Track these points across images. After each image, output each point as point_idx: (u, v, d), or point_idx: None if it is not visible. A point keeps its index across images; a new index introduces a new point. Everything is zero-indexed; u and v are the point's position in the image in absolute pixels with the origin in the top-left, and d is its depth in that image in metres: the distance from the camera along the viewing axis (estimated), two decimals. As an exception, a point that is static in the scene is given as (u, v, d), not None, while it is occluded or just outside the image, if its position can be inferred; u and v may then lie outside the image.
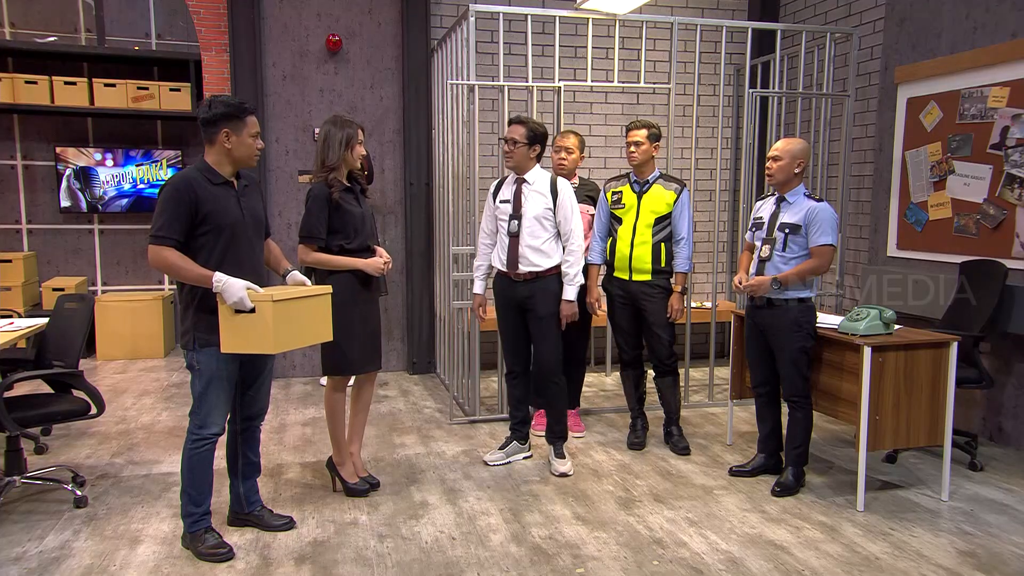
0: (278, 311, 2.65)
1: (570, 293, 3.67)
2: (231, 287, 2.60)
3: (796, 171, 3.45)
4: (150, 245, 2.65)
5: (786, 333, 3.45)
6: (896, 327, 3.43)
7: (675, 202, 4.02)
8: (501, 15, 4.56)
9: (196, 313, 2.75)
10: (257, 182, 3.00)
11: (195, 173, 2.73)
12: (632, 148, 4.00)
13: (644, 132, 4.01)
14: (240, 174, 2.86)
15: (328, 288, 2.99)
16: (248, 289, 2.62)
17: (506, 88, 4.58)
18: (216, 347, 2.72)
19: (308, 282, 3.00)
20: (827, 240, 3.36)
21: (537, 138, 3.66)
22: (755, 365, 3.71)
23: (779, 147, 3.49)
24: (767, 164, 3.51)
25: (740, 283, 3.53)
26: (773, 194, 3.61)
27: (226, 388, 2.83)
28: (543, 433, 4.07)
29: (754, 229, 3.62)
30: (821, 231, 3.35)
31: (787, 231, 3.42)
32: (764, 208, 3.61)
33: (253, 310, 2.62)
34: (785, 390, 3.55)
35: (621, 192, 4.08)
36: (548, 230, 3.67)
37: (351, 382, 3.48)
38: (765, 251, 3.48)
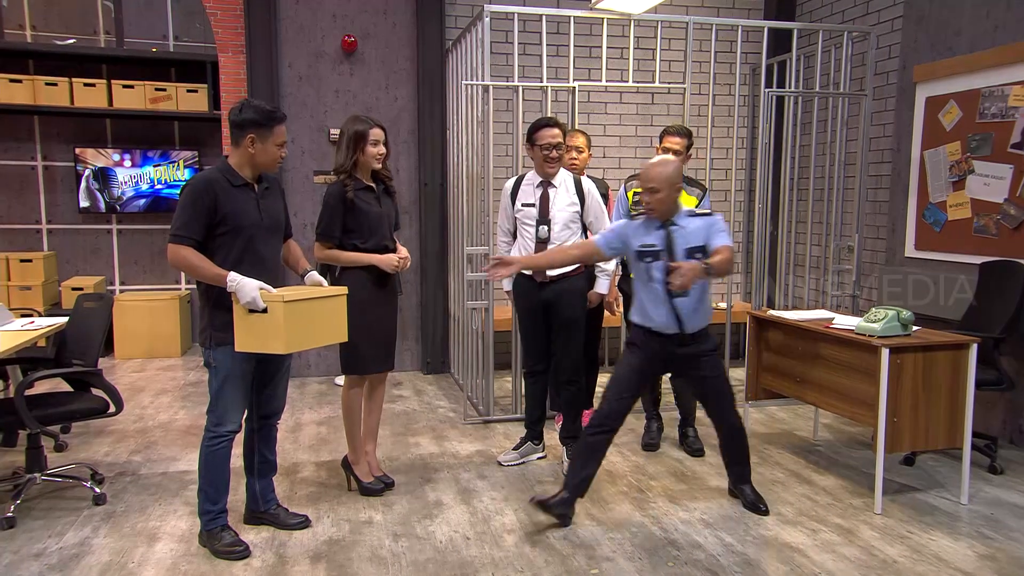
0: (290, 311, 2.66)
1: (603, 286, 3.79)
2: (244, 287, 2.62)
3: (676, 196, 3.09)
4: (169, 244, 2.69)
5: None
6: (914, 328, 3.40)
7: (697, 206, 4.00)
8: (516, 15, 4.56)
9: (212, 311, 2.78)
10: (279, 183, 3.03)
11: (216, 174, 2.75)
12: (670, 155, 3.95)
13: (684, 142, 3.96)
14: (262, 176, 2.88)
15: (343, 289, 2.98)
16: (261, 289, 2.64)
17: (521, 88, 4.58)
18: (231, 345, 2.74)
19: (325, 282, 3.00)
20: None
21: (565, 137, 3.70)
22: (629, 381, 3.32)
23: (654, 177, 3.02)
24: (644, 199, 3.07)
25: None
26: (634, 217, 3.24)
27: (242, 386, 2.85)
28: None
29: (649, 260, 3.10)
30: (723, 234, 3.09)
31: (699, 256, 3.01)
32: (648, 236, 3.11)
33: (266, 310, 2.64)
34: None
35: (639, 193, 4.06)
36: (575, 232, 3.67)
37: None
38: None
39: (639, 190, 4.07)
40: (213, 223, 2.71)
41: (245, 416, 2.98)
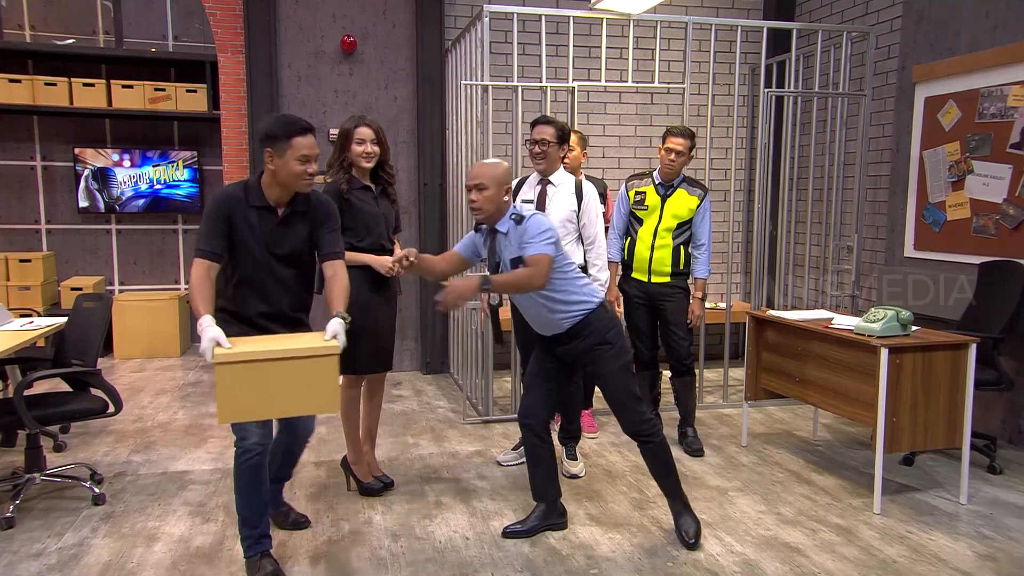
0: (228, 375, 2.23)
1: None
2: (203, 335, 2.31)
3: (505, 198, 2.85)
4: (195, 257, 2.55)
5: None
6: (913, 328, 3.40)
7: (697, 208, 4.02)
8: (515, 15, 4.56)
9: (218, 315, 2.63)
10: (323, 206, 2.71)
11: (238, 190, 2.60)
12: (672, 156, 3.96)
13: (687, 143, 3.95)
14: (297, 198, 2.63)
15: (335, 347, 2.37)
16: (217, 343, 2.28)
17: (520, 88, 4.57)
18: None
19: (341, 335, 2.43)
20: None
21: (564, 137, 3.67)
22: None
23: (481, 172, 2.81)
24: (470, 197, 2.84)
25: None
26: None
27: None
28: (592, 436, 4.26)
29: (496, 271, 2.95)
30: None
31: (522, 265, 2.79)
32: (485, 245, 2.97)
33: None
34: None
35: (645, 193, 4.07)
36: (572, 232, 3.66)
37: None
38: (495, 298, 2.95)
39: (642, 189, 4.10)
40: (229, 240, 2.56)
41: (268, 429, 2.72)
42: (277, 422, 2.86)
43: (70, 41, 6.36)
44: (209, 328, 2.32)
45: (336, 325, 2.44)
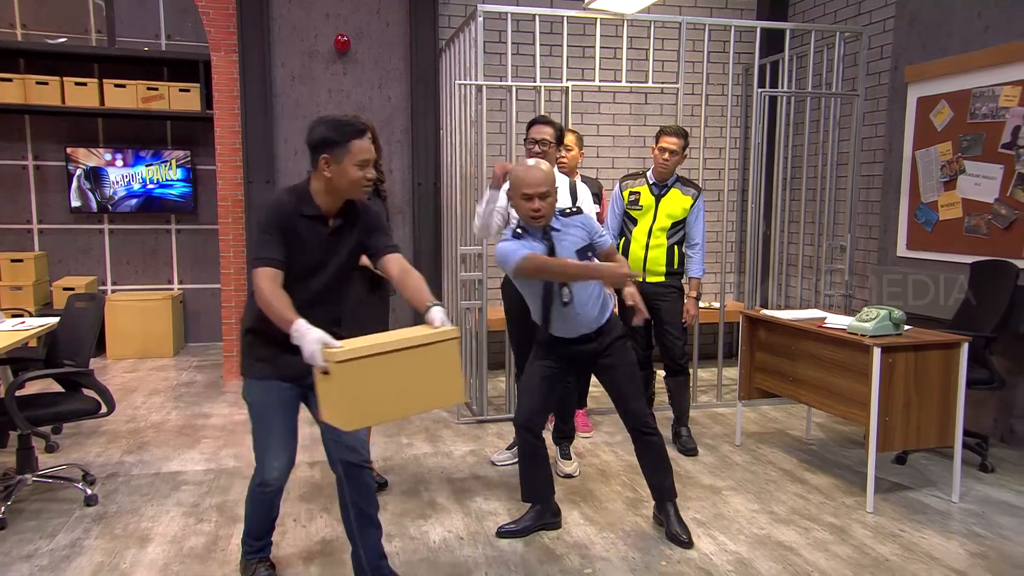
0: (346, 373, 2.03)
1: None
2: (305, 339, 2.09)
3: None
4: (253, 267, 2.32)
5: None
6: (906, 327, 3.41)
7: (691, 207, 4.03)
8: (509, 15, 4.56)
9: (244, 334, 2.46)
10: (374, 214, 2.53)
11: (289, 200, 2.36)
12: (666, 155, 3.97)
13: (681, 142, 3.97)
14: (348, 206, 2.44)
15: (454, 331, 2.22)
16: (324, 345, 2.07)
17: (514, 88, 4.57)
18: (260, 378, 2.41)
19: (447, 321, 2.28)
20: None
21: (561, 137, 3.69)
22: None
23: (543, 179, 2.82)
24: (534, 206, 2.83)
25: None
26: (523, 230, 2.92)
27: (277, 425, 2.41)
28: (586, 435, 4.27)
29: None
30: None
31: (590, 255, 2.95)
32: (536, 248, 2.88)
33: (327, 371, 2.05)
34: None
35: (639, 193, 4.07)
36: None
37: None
38: (567, 295, 2.90)
39: (636, 189, 4.10)
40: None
41: (287, 464, 2.51)
42: (330, 447, 2.54)
43: (62, 40, 6.33)
44: (310, 330, 2.10)
45: (440, 313, 2.28)
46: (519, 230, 2.90)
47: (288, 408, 2.45)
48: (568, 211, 2.98)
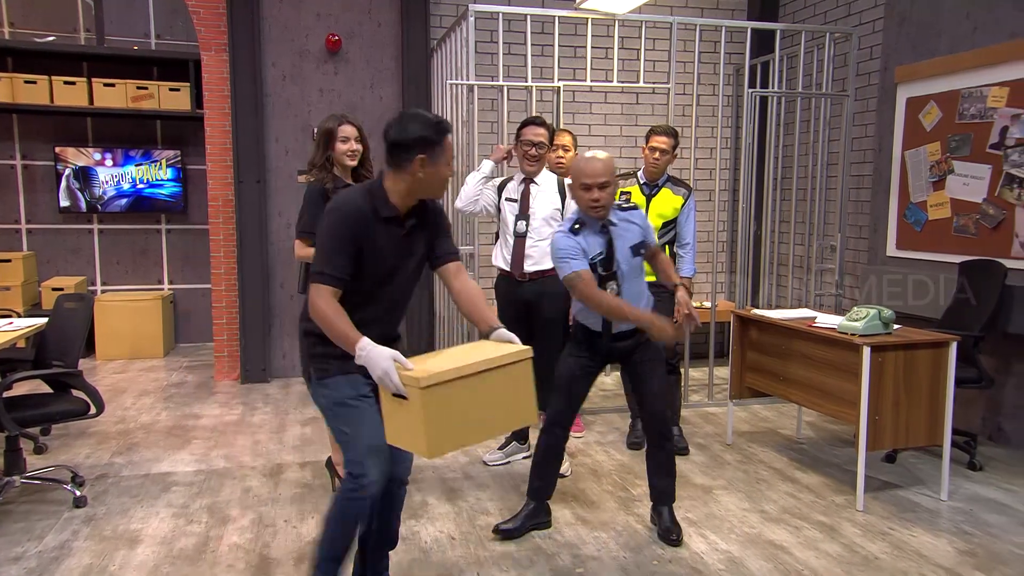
0: (433, 400, 1.91)
1: None
2: (373, 359, 1.99)
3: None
4: (311, 283, 2.15)
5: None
6: (895, 327, 3.43)
7: (682, 207, 4.04)
8: (500, 15, 4.56)
9: (305, 337, 2.30)
10: (436, 211, 2.37)
11: (366, 203, 2.18)
12: (656, 155, 3.97)
13: (671, 141, 3.98)
14: (421, 204, 2.28)
15: (528, 350, 2.16)
16: (396, 362, 1.98)
17: (505, 88, 4.57)
18: (343, 373, 2.22)
19: (516, 340, 2.21)
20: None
21: (551, 137, 3.70)
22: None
23: (602, 171, 2.81)
24: (594, 195, 2.83)
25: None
26: (582, 224, 2.92)
27: (370, 417, 2.21)
28: (579, 435, 4.26)
29: (601, 271, 2.93)
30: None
31: (643, 252, 2.99)
32: (594, 243, 2.92)
33: (404, 396, 1.95)
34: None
35: (630, 193, 4.08)
36: (556, 230, 3.68)
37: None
38: (614, 288, 2.94)
39: (626, 189, 4.10)
40: (357, 260, 2.17)
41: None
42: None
43: (50, 39, 6.29)
44: (377, 349, 1.99)
45: (507, 333, 2.21)
46: (576, 225, 2.90)
47: (373, 402, 2.22)
48: (624, 205, 3.01)
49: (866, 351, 3.19)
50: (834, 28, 5.32)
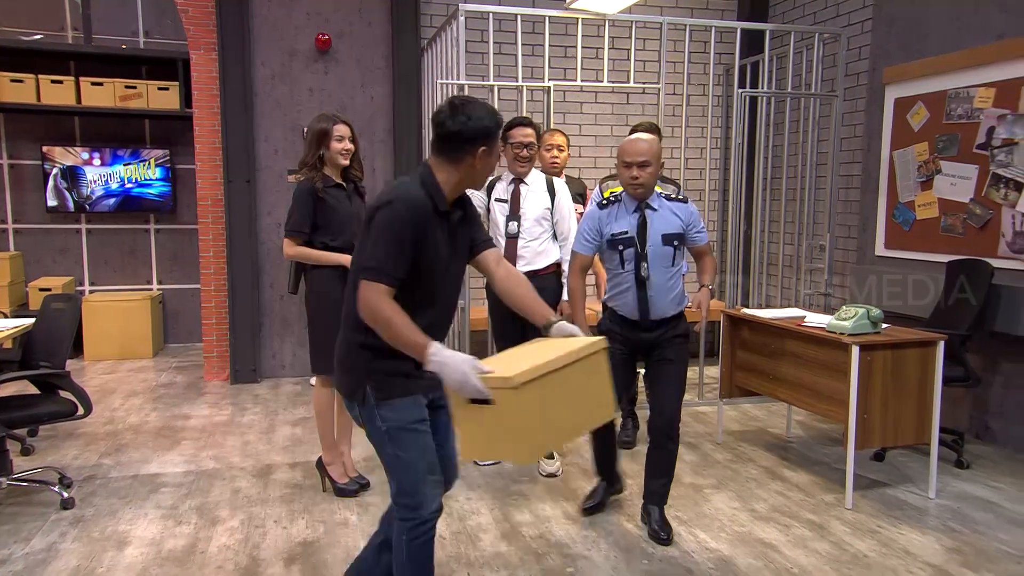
0: (528, 399, 1.78)
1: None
2: (449, 364, 1.86)
3: (659, 173, 3.07)
4: (363, 280, 1.95)
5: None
6: (884, 326, 3.45)
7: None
8: (491, 15, 4.55)
9: (362, 351, 2.04)
10: (469, 198, 2.23)
11: (424, 195, 2.01)
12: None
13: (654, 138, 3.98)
14: (461, 198, 2.16)
15: (602, 340, 2.09)
16: (478, 369, 1.85)
17: (496, 88, 4.57)
18: (406, 394, 2.04)
19: (579, 332, 2.14)
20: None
21: (538, 137, 3.70)
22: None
23: (644, 150, 2.94)
24: (633, 173, 2.94)
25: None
26: (616, 200, 3.07)
27: (429, 443, 2.08)
28: None
29: (621, 248, 3.01)
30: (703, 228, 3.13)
31: (676, 243, 3.02)
32: (621, 222, 3.02)
33: (489, 400, 1.81)
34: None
35: (618, 193, 4.08)
36: (547, 229, 3.69)
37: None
38: (644, 271, 3.01)
39: (617, 190, 4.10)
40: (416, 258, 2.00)
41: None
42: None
43: (37, 37, 6.24)
44: (449, 356, 1.87)
45: (568, 325, 2.15)
46: (605, 201, 3.06)
47: (429, 424, 2.10)
48: (675, 197, 3.07)
49: (855, 350, 3.21)
50: (823, 29, 5.35)
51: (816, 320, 3.66)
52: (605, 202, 3.06)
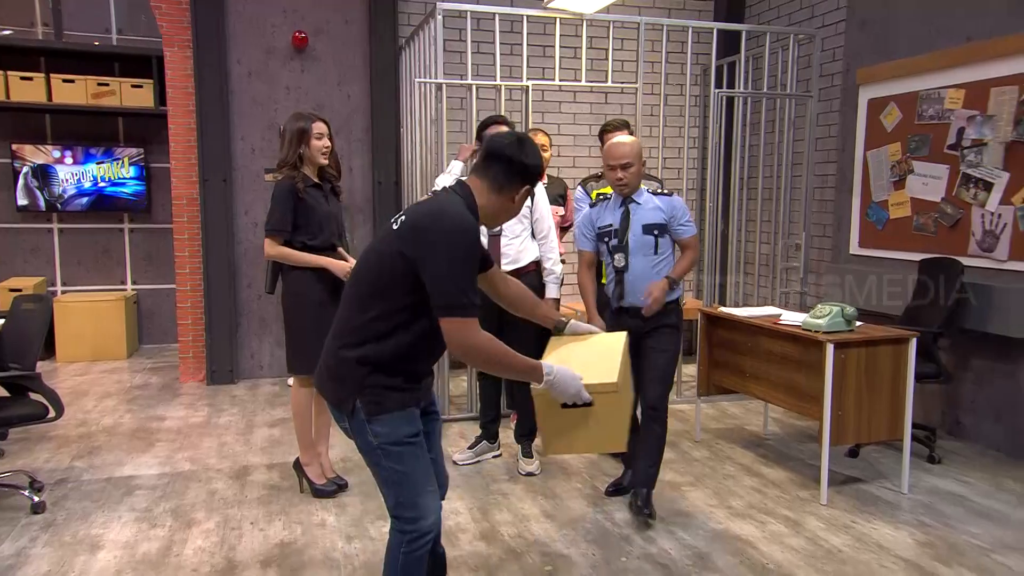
0: (622, 396, 2.10)
1: (554, 291, 3.79)
2: (565, 380, 1.99)
3: (642, 171, 3.24)
4: (455, 318, 1.88)
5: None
6: (858, 324, 3.49)
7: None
8: (469, 13, 4.55)
9: (355, 364, 1.98)
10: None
11: (474, 220, 1.99)
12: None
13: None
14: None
15: (623, 334, 2.36)
16: (575, 377, 2.02)
17: (474, 87, 4.57)
18: (404, 407, 2.02)
19: (594, 329, 2.35)
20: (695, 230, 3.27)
21: None
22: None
23: (626, 152, 3.11)
24: (617, 175, 3.12)
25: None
26: (606, 199, 3.31)
27: (425, 455, 2.08)
28: None
29: (607, 240, 3.23)
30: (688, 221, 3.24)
31: (655, 233, 3.16)
32: (607, 216, 3.24)
33: (590, 403, 2.04)
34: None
35: (607, 194, 4.10)
36: (526, 227, 3.75)
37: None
38: (620, 260, 3.17)
39: (603, 191, 4.12)
40: None
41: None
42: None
43: (6, 32, 6.12)
44: (561, 372, 1.99)
45: (582, 324, 2.32)
46: (601, 196, 3.34)
47: (421, 435, 2.09)
48: (662, 192, 3.27)
49: (829, 348, 3.25)
50: (798, 30, 5.40)
51: (791, 318, 3.70)
52: (595, 202, 3.35)
